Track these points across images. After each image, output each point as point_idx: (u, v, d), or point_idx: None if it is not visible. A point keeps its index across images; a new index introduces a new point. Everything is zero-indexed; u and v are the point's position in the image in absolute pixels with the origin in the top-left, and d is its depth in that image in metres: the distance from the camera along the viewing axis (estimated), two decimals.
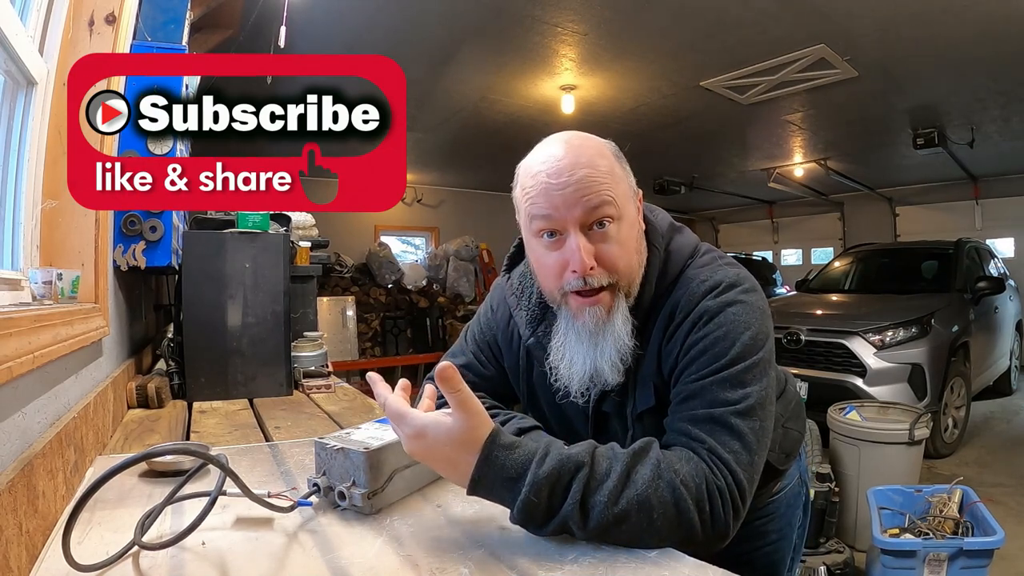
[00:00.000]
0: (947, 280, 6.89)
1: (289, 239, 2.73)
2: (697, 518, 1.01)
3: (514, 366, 1.51)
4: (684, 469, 1.04)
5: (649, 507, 1.00)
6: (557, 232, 1.21)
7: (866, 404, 4.73)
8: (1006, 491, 4.87)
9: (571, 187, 1.17)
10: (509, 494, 1.01)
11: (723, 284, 1.21)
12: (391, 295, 10.61)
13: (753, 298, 1.22)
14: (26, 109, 1.75)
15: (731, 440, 1.09)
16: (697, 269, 1.28)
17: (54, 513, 1.14)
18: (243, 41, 4.26)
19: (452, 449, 1.02)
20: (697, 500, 1.02)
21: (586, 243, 1.18)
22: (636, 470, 1.03)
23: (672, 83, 6.58)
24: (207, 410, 2.30)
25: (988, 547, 3.02)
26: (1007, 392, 8.23)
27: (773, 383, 1.20)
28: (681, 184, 11.65)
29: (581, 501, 0.99)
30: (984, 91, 6.66)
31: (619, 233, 1.21)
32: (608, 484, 1.01)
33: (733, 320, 1.17)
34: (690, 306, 1.21)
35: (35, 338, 1.16)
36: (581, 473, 1.01)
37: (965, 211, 11.41)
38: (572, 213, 1.18)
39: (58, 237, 1.81)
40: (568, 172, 1.18)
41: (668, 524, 1.00)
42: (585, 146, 1.22)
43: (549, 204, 1.19)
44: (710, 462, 1.07)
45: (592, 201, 1.17)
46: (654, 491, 1.00)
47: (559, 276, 1.23)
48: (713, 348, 1.16)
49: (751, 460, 1.10)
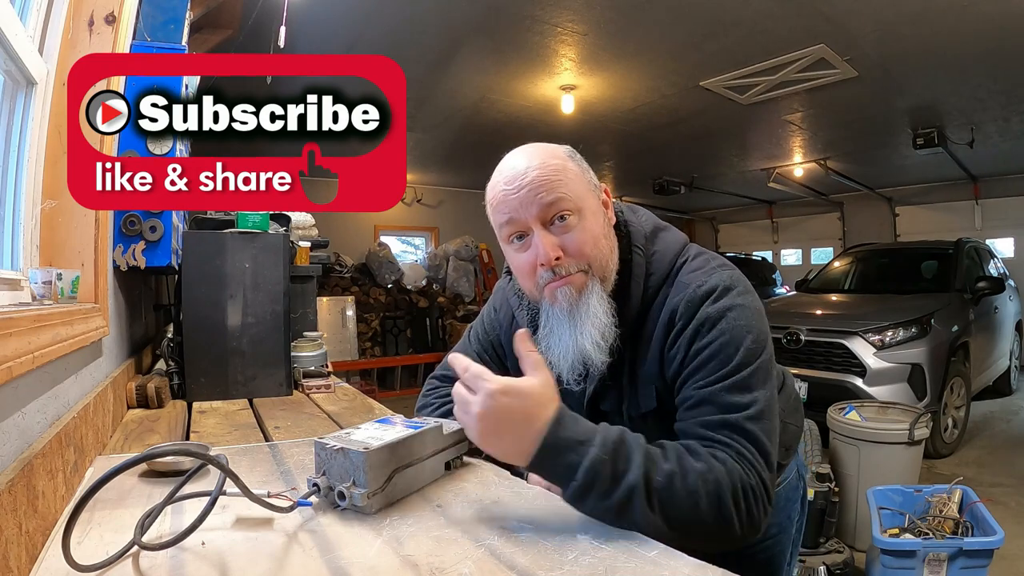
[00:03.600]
0: (947, 280, 6.89)
1: (289, 239, 2.73)
2: (735, 514, 1.08)
3: (517, 364, 1.53)
4: (722, 468, 1.10)
5: (697, 497, 1.06)
6: (524, 234, 1.31)
7: (866, 404, 4.73)
8: (1006, 491, 4.87)
9: (524, 188, 1.27)
10: (577, 456, 1.06)
11: (719, 288, 1.26)
12: (391, 295, 10.62)
13: (749, 300, 1.28)
14: (26, 109, 1.75)
15: (750, 443, 1.15)
16: (691, 273, 1.32)
17: (54, 513, 1.14)
18: (243, 41, 4.27)
19: (533, 405, 1.07)
20: (734, 498, 1.08)
21: (549, 236, 1.28)
22: (688, 459, 1.10)
23: (672, 83, 6.59)
24: (207, 410, 2.30)
25: (988, 547, 3.02)
26: (1007, 392, 8.25)
27: (775, 383, 1.26)
28: (681, 184, 11.66)
29: (645, 473, 1.05)
30: (984, 91, 6.67)
31: (581, 223, 1.29)
32: (665, 466, 1.08)
33: (734, 326, 1.22)
34: (690, 311, 1.26)
35: (35, 338, 1.16)
36: (643, 447, 1.10)
37: (965, 211, 11.40)
38: (530, 212, 1.27)
39: (58, 237, 1.81)
40: (521, 176, 1.28)
41: (712, 515, 1.06)
42: (535, 152, 1.32)
43: (508, 208, 1.29)
44: (741, 463, 1.12)
45: (546, 198, 1.26)
46: (703, 484, 1.07)
47: (533, 273, 1.32)
48: (719, 355, 1.21)
49: (768, 461, 1.16)
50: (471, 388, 1.09)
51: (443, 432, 1.35)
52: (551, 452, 1.06)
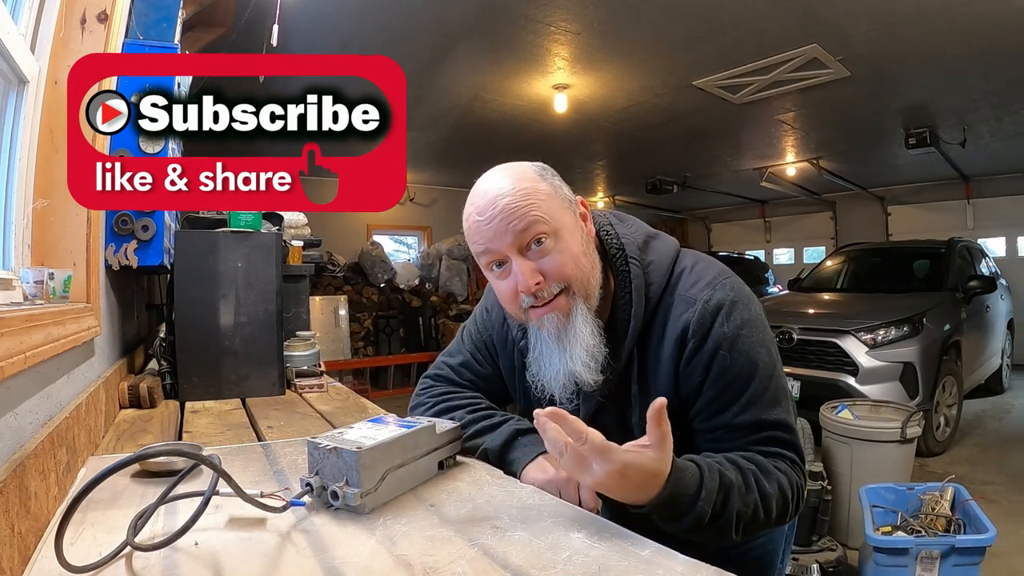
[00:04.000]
0: (939, 279, 6.92)
1: (281, 238, 2.72)
2: (790, 511, 1.26)
3: (509, 366, 1.60)
4: (785, 480, 1.25)
5: (770, 513, 1.22)
6: (502, 261, 1.31)
7: (858, 403, 4.74)
8: (998, 489, 4.90)
9: (496, 218, 1.27)
10: (684, 512, 1.13)
11: (727, 303, 1.31)
12: (384, 294, 10.60)
13: (755, 311, 1.34)
14: (18, 108, 1.74)
15: (792, 450, 1.30)
16: (694, 286, 1.35)
17: (46, 514, 1.13)
18: (235, 39, 4.26)
19: (648, 478, 1.09)
20: (794, 500, 1.26)
21: (527, 264, 1.28)
22: (763, 482, 1.22)
23: (665, 82, 6.59)
24: (199, 410, 2.29)
25: (980, 545, 3.03)
26: (999, 390, 8.29)
27: (787, 383, 1.37)
28: (673, 183, 11.67)
29: (738, 511, 1.18)
30: (976, 91, 6.69)
31: (558, 244, 1.29)
32: (750, 498, 1.19)
33: (751, 344, 1.30)
34: (703, 330, 1.30)
35: (27, 338, 1.15)
36: (734, 487, 1.18)
37: (957, 211, 11.45)
38: (504, 241, 1.27)
39: (50, 236, 1.80)
40: (491, 206, 1.27)
41: (778, 519, 1.24)
42: (505, 176, 1.32)
43: (483, 239, 1.30)
44: (794, 468, 1.28)
45: (518, 225, 1.26)
46: (775, 502, 1.22)
47: (516, 299, 1.32)
48: (742, 376, 1.29)
49: (802, 456, 1.31)
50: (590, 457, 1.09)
51: (436, 431, 1.35)
52: (663, 513, 1.12)
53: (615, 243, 1.42)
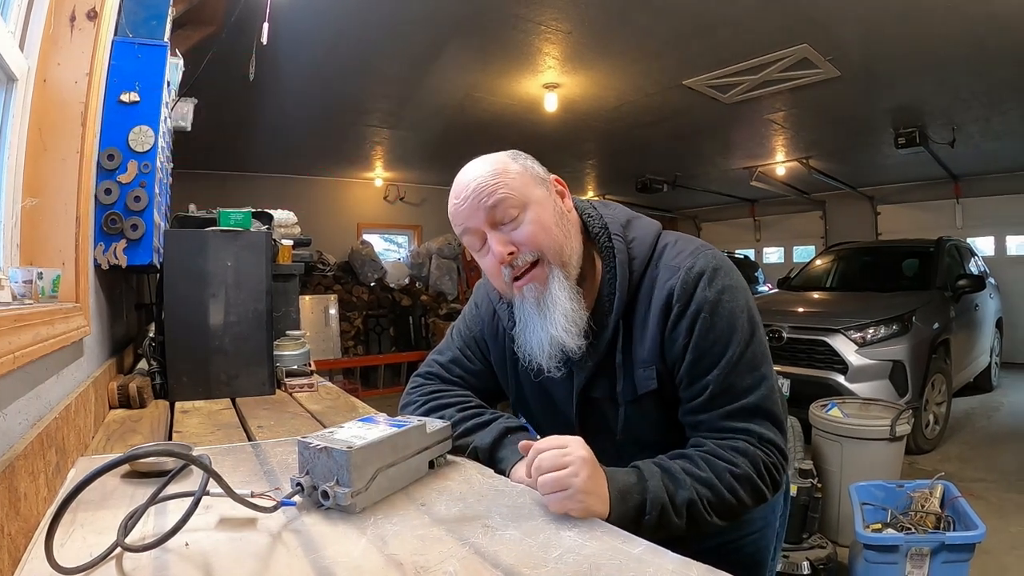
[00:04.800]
0: (928, 278, 6.96)
1: (271, 237, 2.71)
2: (765, 488, 1.30)
3: (500, 359, 1.65)
4: (745, 460, 1.28)
5: (737, 498, 1.26)
6: (482, 240, 1.41)
7: (848, 401, 4.77)
8: (987, 486, 4.93)
9: (470, 199, 1.38)
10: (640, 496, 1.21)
11: (709, 269, 1.36)
12: (374, 293, 10.59)
13: (736, 278, 1.39)
14: (6, 106, 1.73)
15: (766, 419, 1.33)
16: (678, 255, 1.41)
17: (36, 515, 1.13)
18: (225, 38, 4.23)
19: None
20: (760, 477, 1.29)
21: (499, 236, 1.37)
22: (716, 463, 1.27)
23: (655, 82, 6.60)
24: (189, 410, 2.28)
25: (969, 541, 3.04)
26: (988, 388, 8.35)
27: (768, 352, 1.41)
28: (664, 182, 11.71)
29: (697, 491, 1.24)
30: (966, 91, 6.71)
31: (528, 215, 1.37)
32: (703, 475, 1.25)
33: (731, 308, 1.34)
34: (687, 294, 1.35)
35: (15, 338, 1.15)
36: (686, 469, 1.26)
37: (946, 210, 11.52)
38: (478, 218, 1.38)
39: (38, 236, 1.79)
40: (464, 188, 1.39)
41: (751, 497, 1.28)
42: (478, 163, 1.43)
43: (461, 219, 1.41)
44: (762, 448, 1.31)
45: (488, 202, 1.36)
46: (735, 495, 1.26)
47: (499, 273, 1.41)
48: (722, 339, 1.33)
49: (780, 427, 1.36)
50: (560, 466, 1.15)
51: (426, 430, 1.35)
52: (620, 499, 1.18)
53: (598, 223, 1.48)
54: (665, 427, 1.44)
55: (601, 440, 1.37)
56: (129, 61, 2.34)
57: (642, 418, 1.44)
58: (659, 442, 1.39)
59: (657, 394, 1.40)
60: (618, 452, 1.39)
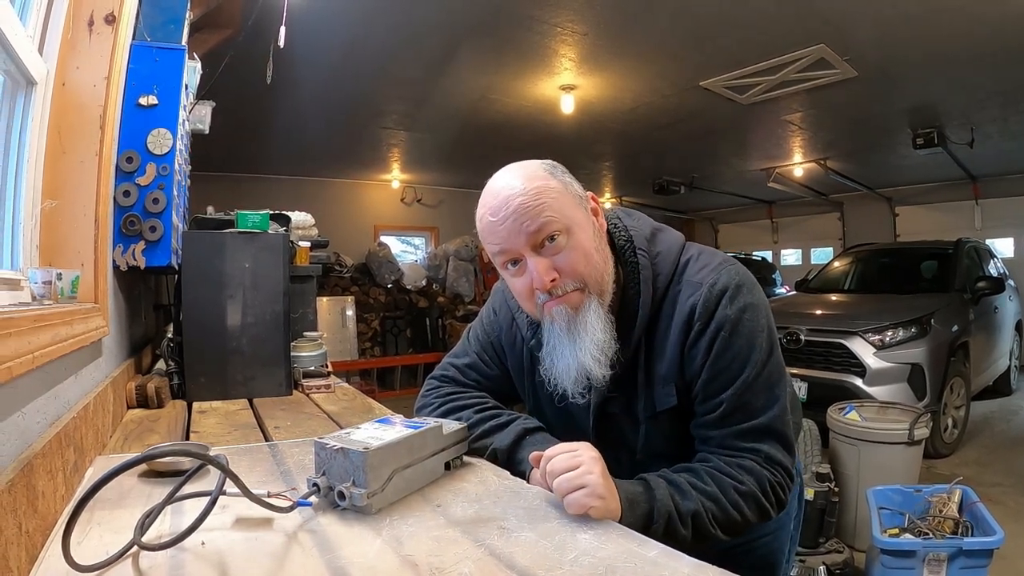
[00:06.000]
0: (947, 280, 6.90)
1: (288, 239, 2.72)
2: (770, 507, 1.29)
3: (518, 366, 1.62)
4: (751, 478, 1.28)
5: (741, 514, 1.25)
6: (517, 259, 1.34)
7: (866, 404, 4.73)
8: (1005, 491, 4.88)
9: (510, 219, 1.29)
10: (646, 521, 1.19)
11: (732, 287, 1.33)
12: (391, 295, 10.63)
13: (758, 296, 1.36)
14: (25, 109, 1.75)
15: (776, 440, 1.32)
16: (701, 271, 1.38)
17: (54, 513, 1.14)
18: (243, 42, 4.25)
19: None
20: (766, 496, 1.28)
21: (542, 262, 1.30)
22: (723, 479, 1.27)
23: (672, 83, 6.58)
24: (207, 410, 2.29)
25: (988, 547, 3.02)
26: (1007, 392, 8.26)
27: (785, 370, 1.39)
28: (680, 184, 11.67)
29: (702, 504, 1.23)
30: (983, 91, 6.66)
31: (571, 240, 1.31)
32: (709, 489, 1.25)
33: (751, 328, 1.32)
34: (708, 311, 1.32)
35: (35, 338, 1.16)
36: (693, 485, 1.26)
37: (965, 211, 11.42)
38: (519, 240, 1.30)
39: (58, 237, 1.80)
40: (504, 206, 1.30)
41: (755, 515, 1.27)
42: (516, 175, 1.34)
43: (497, 239, 1.32)
44: (768, 468, 1.30)
45: (531, 226, 1.28)
46: (740, 511, 1.26)
47: (531, 296, 1.36)
48: (740, 358, 1.31)
49: (789, 449, 1.34)
50: (572, 466, 1.16)
51: (443, 432, 1.35)
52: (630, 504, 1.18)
53: (623, 235, 1.44)
54: (682, 441, 1.42)
55: (616, 453, 1.38)
56: (147, 64, 2.36)
57: (659, 433, 1.43)
58: (675, 455, 1.38)
59: (675, 409, 1.39)
60: (634, 466, 1.39)
